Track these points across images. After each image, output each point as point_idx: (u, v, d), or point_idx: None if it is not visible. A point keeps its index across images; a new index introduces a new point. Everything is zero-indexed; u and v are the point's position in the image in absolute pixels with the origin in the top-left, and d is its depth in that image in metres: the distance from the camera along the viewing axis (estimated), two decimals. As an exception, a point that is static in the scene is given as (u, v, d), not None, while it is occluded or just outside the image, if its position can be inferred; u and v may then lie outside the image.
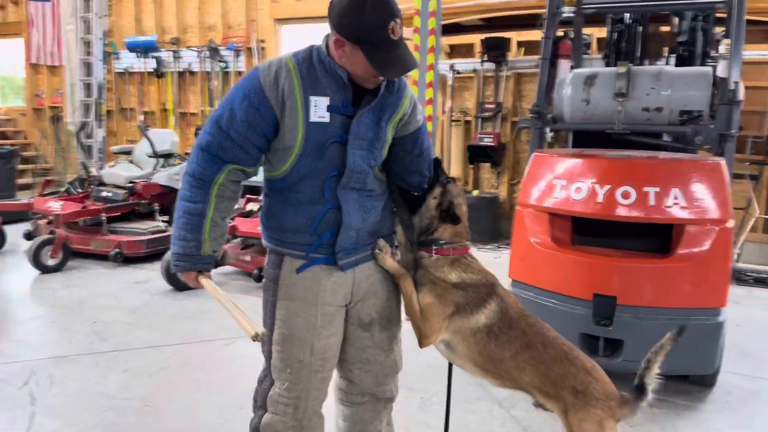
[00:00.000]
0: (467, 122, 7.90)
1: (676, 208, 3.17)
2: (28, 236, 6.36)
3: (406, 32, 2.11)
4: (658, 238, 3.34)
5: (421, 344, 2.00)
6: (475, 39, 7.59)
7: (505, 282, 3.67)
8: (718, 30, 4.46)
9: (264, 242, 2.04)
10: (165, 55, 9.74)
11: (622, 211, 3.22)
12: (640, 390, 1.99)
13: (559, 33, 4.34)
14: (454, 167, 7.85)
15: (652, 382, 1.99)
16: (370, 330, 2.07)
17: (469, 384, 3.53)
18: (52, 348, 3.99)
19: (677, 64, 4.63)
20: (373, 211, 1.98)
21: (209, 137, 1.88)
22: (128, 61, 10.17)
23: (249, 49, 9.10)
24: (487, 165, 7.71)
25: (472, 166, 7.82)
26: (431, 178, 2.11)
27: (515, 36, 7.44)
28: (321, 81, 1.82)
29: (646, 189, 3.18)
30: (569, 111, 3.59)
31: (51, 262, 5.66)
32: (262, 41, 9.03)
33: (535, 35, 6.62)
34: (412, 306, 1.98)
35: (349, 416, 2.19)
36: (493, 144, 7.40)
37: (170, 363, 3.75)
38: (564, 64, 4.01)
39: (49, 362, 3.71)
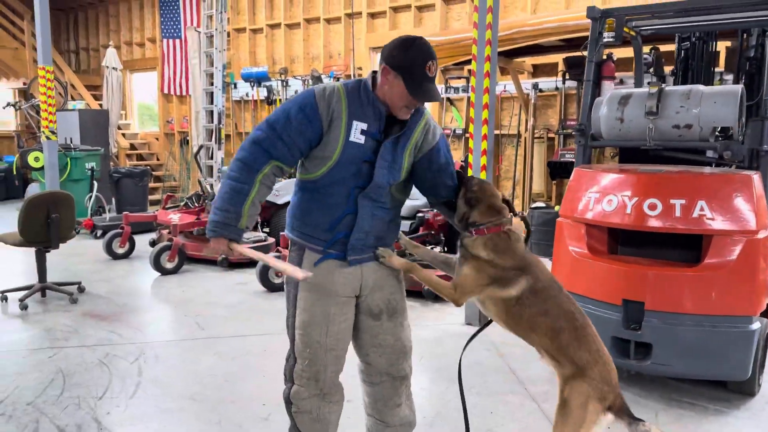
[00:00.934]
0: (550, 139, 8.08)
1: (702, 219, 3.33)
2: (152, 244, 7.41)
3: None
4: (691, 248, 3.49)
5: (457, 304, 2.36)
6: (558, 58, 7.79)
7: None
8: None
9: (287, 233, 2.46)
10: (275, 83, 10.72)
11: (649, 222, 3.42)
12: (635, 421, 2.16)
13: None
14: (537, 183, 8.05)
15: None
16: (379, 319, 2.46)
17: (506, 381, 3.86)
18: (161, 334, 4.78)
19: (745, 81, 4.68)
20: (381, 220, 2.39)
21: (263, 134, 2.26)
22: (244, 89, 11.27)
23: (348, 76, 9.84)
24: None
25: (554, 182, 7.98)
26: (456, 186, 2.47)
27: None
28: (364, 109, 2.26)
29: (672, 201, 3.37)
30: (605, 129, 3.82)
31: (169, 266, 6.59)
32: (359, 68, 9.75)
33: (615, 53, 6.76)
34: (433, 282, 2.35)
35: (371, 393, 2.58)
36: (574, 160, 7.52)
37: (252, 349, 4.38)
38: (607, 85, 4.22)
39: (156, 345, 4.48)
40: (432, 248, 6.38)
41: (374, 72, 2.33)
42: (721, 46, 6.07)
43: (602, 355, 2.24)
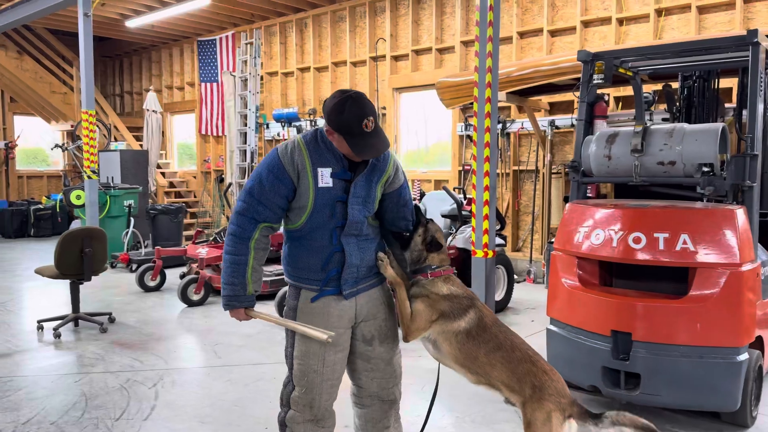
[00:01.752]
0: (568, 174, 8.18)
1: (686, 252, 3.43)
2: (182, 277, 7.77)
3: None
4: (678, 281, 3.59)
5: (406, 339, 2.56)
6: (573, 96, 7.95)
7: (546, 321, 4.12)
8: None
9: (285, 278, 2.63)
10: (304, 123, 11.16)
11: (635, 255, 3.54)
12: (597, 417, 2.35)
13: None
14: (555, 217, 8.14)
15: (606, 428, 2.33)
16: (371, 344, 2.64)
17: (503, 410, 3.96)
18: (180, 361, 5.05)
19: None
20: (369, 251, 2.59)
21: (245, 204, 2.47)
22: (275, 129, 11.74)
23: (372, 115, 10.20)
24: (588, 216, 7.89)
25: (572, 217, 8.05)
26: (414, 222, 2.72)
27: (613, 92, 7.71)
28: (324, 156, 2.48)
29: (656, 234, 3.49)
30: (595, 166, 3.98)
31: (195, 297, 6.92)
32: (383, 108, 10.10)
33: (631, 91, 6.90)
34: (404, 308, 2.54)
35: (361, 416, 2.76)
36: (591, 195, 7.62)
37: (264, 376, 4.59)
38: (600, 124, 4.37)
39: (174, 371, 4.75)
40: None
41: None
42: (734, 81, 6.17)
43: (553, 373, 2.43)
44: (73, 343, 5.52)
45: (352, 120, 2.35)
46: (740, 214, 3.49)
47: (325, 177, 2.47)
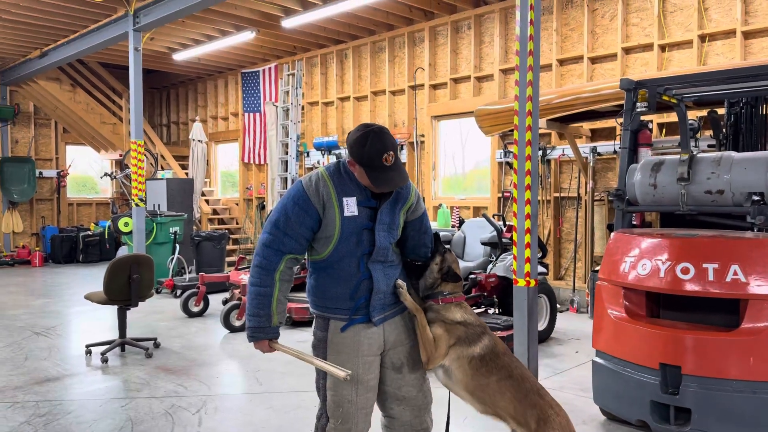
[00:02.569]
0: (611, 201, 8.05)
1: (737, 283, 3.34)
2: (225, 302, 7.89)
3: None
4: (729, 312, 3.48)
5: (429, 365, 2.57)
6: (616, 123, 7.87)
7: (591, 352, 4.04)
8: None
9: (312, 310, 2.65)
10: (343, 151, 11.29)
11: (683, 286, 3.46)
12: None
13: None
14: (599, 246, 8.00)
15: None
16: (401, 372, 2.64)
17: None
18: (223, 387, 5.11)
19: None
20: (393, 278, 2.63)
21: (271, 236, 2.51)
22: (316, 157, 11.92)
23: (411, 143, 10.28)
24: (632, 244, 7.74)
25: (616, 245, 7.90)
26: (432, 250, 2.76)
27: (656, 118, 7.61)
28: (348, 186, 2.53)
29: (705, 265, 3.41)
30: (640, 194, 3.92)
31: (237, 324, 7.00)
32: (422, 136, 10.17)
33: (675, 117, 6.80)
34: (426, 335, 2.56)
35: None
36: (636, 223, 7.48)
37: (305, 404, 4.61)
38: (644, 152, 4.31)
39: (217, 397, 4.81)
40: (485, 310, 6.48)
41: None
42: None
43: (559, 408, 2.47)
44: (120, 367, 5.65)
45: (374, 154, 2.42)
46: (793, 244, 3.38)
47: (351, 206, 2.52)
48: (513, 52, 8.93)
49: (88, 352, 5.98)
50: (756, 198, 3.53)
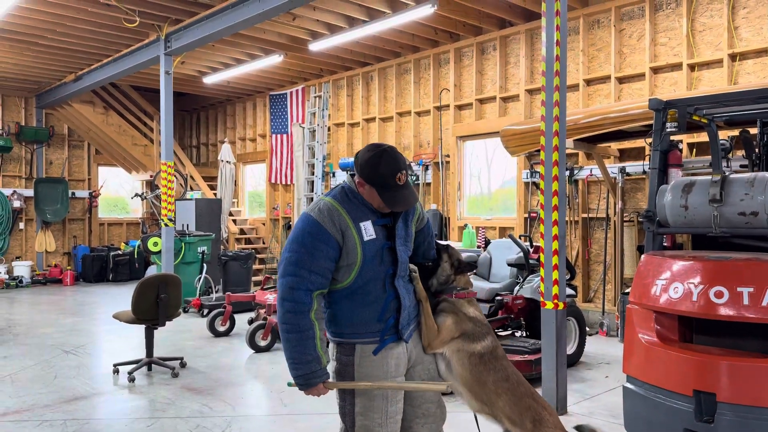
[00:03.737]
0: (641, 222, 7.92)
1: (773, 308, 3.23)
2: (251, 322, 7.91)
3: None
4: (766, 338, 3.37)
5: (428, 350, 2.63)
6: (644, 143, 7.76)
7: (621, 377, 3.95)
8: None
9: (332, 338, 2.56)
10: (369, 171, 11.32)
11: (717, 310, 3.36)
12: None
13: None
14: (629, 267, 7.85)
15: None
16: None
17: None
18: (248, 408, 5.10)
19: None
20: (411, 290, 2.64)
21: (296, 278, 2.39)
22: (341, 177, 11.99)
23: (436, 164, 10.28)
24: (663, 266, 7.58)
25: (646, 267, 7.74)
26: (436, 249, 2.83)
27: (686, 138, 7.49)
28: (360, 210, 2.50)
29: (739, 289, 3.31)
30: (671, 216, 3.84)
31: (262, 343, 7.02)
32: (447, 156, 10.16)
33: (705, 137, 6.68)
34: (430, 320, 2.61)
35: None
36: (667, 245, 7.32)
37: (329, 427, 4.57)
38: (674, 173, 4.23)
39: (242, 418, 4.80)
40: (512, 333, 6.38)
41: (351, 174, 2.58)
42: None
43: (551, 408, 2.62)
44: (146, 387, 5.69)
45: (388, 174, 2.42)
46: (832, 267, 3.26)
47: (369, 229, 2.50)
48: (539, 72, 8.90)
49: (116, 371, 6.04)
50: (792, 220, 3.43)
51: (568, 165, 8.48)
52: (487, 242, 7.92)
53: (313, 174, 12.15)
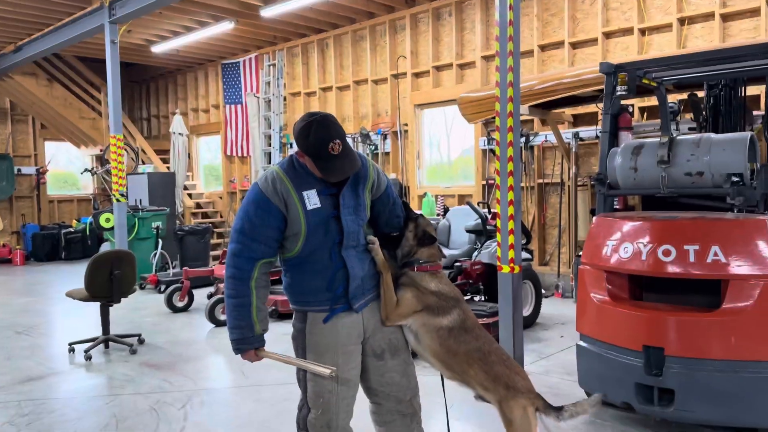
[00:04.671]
0: (593, 186, 8.09)
1: (718, 264, 3.35)
2: (210, 297, 7.82)
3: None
4: (711, 293, 3.50)
5: (387, 323, 2.61)
6: (596, 108, 7.88)
7: (576, 336, 4.07)
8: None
9: (291, 306, 2.64)
10: (327, 141, 11.21)
11: (665, 268, 3.48)
12: (558, 410, 2.51)
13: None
14: (582, 230, 8.03)
15: (565, 420, 2.52)
16: (383, 358, 2.63)
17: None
18: (209, 381, 5.08)
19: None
20: (367, 262, 2.60)
21: (239, 245, 2.44)
22: (299, 148, 11.83)
23: (394, 133, 10.25)
24: (615, 228, 7.78)
25: (599, 229, 7.94)
26: (404, 217, 2.76)
27: (637, 102, 7.63)
28: (305, 179, 2.47)
29: (686, 247, 3.42)
30: (621, 178, 3.93)
31: (222, 317, 6.93)
32: (405, 124, 10.13)
33: (656, 101, 6.82)
34: (389, 292, 2.58)
35: None
36: (619, 207, 7.51)
37: (293, 396, 4.50)
38: (625, 136, 4.33)
39: (203, 392, 4.77)
40: (471, 298, 6.49)
41: None
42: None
43: (522, 371, 2.61)
44: (104, 365, 5.59)
45: (319, 143, 2.36)
46: (772, 224, 3.40)
47: (312, 198, 2.47)
48: (494, 38, 8.90)
49: (72, 350, 5.91)
50: (735, 179, 3.55)
51: (524, 131, 8.56)
52: (446, 210, 7.98)
53: (270, 145, 11.97)
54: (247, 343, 2.50)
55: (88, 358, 5.65)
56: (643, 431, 3.78)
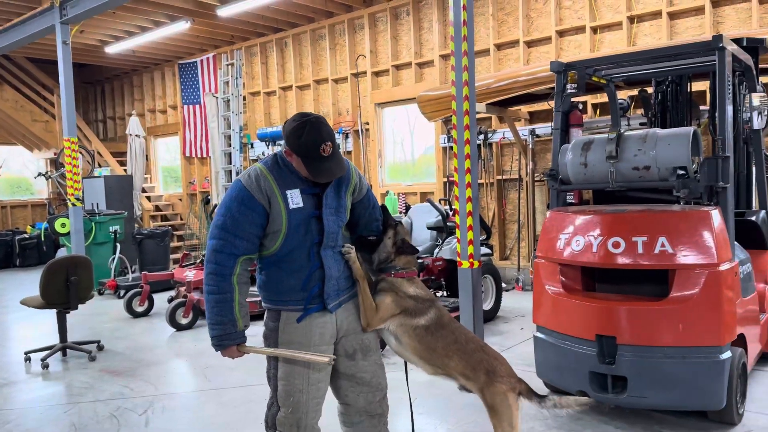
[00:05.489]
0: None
1: (665, 254, 3.49)
2: (170, 301, 7.72)
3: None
4: (659, 283, 3.64)
5: (368, 329, 2.65)
6: (550, 105, 8.05)
7: (534, 327, 4.16)
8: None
9: (263, 304, 2.62)
10: (288, 141, 11.16)
11: (615, 260, 3.60)
12: (542, 398, 2.57)
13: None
14: (540, 225, 8.18)
15: (547, 409, 2.61)
16: (354, 359, 2.65)
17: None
18: (170, 386, 5.02)
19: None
20: (344, 261, 2.63)
21: (221, 241, 2.44)
22: (260, 149, 11.75)
23: (356, 132, 10.27)
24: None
25: (557, 223, 8.12)
26: (383, 223, 2.78)
27: (590, 99, 7.83)
28: (289, 178, 2.50)
29: (634, 238, 3.55)
30: (572, 173, 4.05)
31: (184, 321, 6.88)
32: (366, 123, 10.17)
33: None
34: (367, 299, 2.61)
35: None
36: (575, 202, 7.69)
37: (254, 398, 4.57)
38: (576, 132, 4.46)
39: (165, 397, 4.72)
40: (433, 293, 6.56)
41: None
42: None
43: (501, 358, 2.67)
44: (62, 373, 5.48)
45: (310, 144, 2.39)
46: (716, 214, 3.55)
47: (295, 198, 2.49)
48: (451, 38, 9.00)
49: (28, 359, 5.77)
50: (680, 172, 3.68)
51: (483, 129, 8.69)
52: (408, 207, 8.05)
53: (230, 146, 11.85)
54: (230, 339, 2.50)
55: (45, 366, 5.53)
56: (597, 418, 3.89)
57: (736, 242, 3.82)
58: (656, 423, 3.79)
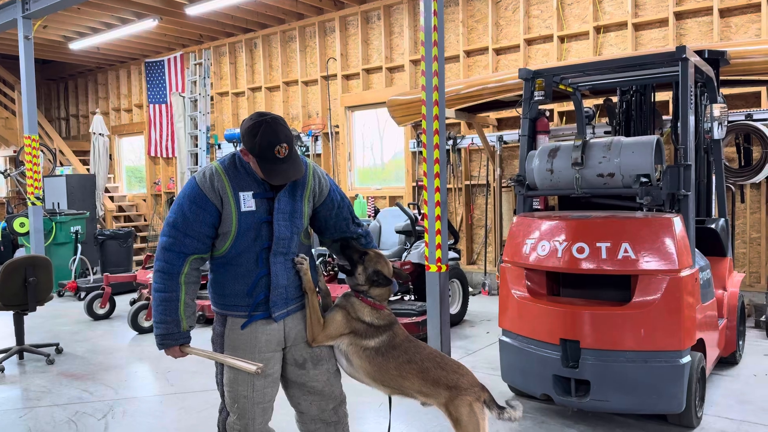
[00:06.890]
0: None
1: (627, 260, 3.56)
2: (133, 303, 7.57)
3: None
4: (622, 288, 3.71)
5: (313, 344, 2.57)
6: (517, 112, 8.15)
7: (499, 331, 4.18)
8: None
9: (212, 307, 2.59)
10: (256, 143, 11.06)
11: (579, 265, 3.65)
12: (501, 408, 2.55)
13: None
14: (507, 230, 8.28)
15: (503, 420, 2.56)
16: (304, 368, 2.59)
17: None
18: (131, 390, 4.91)
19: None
20: (295, 270, 2.56)
21: (170, 239, 2.40)
22: (228, 150, 11.61)
23: (326, 134, 10.24)
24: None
25: (524, 229, 8.22)
26: (349, 258, 2.65)
27: (557, 107, 7.95)
28: (244, 179, 2.45)
29: (598, 244, 3.61)
30: (538, 179, 4.10)
31: (146, 324, 6.73)
32: (336, 126, 10.14)
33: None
34: (314, 314, 2.54)
35: None
36: (540, 208, 7.79)
37: (217, 403, 4.46)
38: (542, 139, 4.53)
39: (125, 401, 4.62)
40: (401, 297, 6.57)
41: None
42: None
43: (462, 368, 2.59)
44: (18, 376, 5.31)
45: (265, 145, 2.33)
46: (677, 222, 3.64)
47: (248, 201, 2.44)
48: (421, 43, 9.05)
49: (-18, 363, 5.58)
50: (643, 180, 3.76)
51: (452, 134, 8.75)
52: (377, 211, 8.04)
53: (197, 146, 11.67)
54: (172, 339, 2.46)
55: (1, 369, 5.35)
56: (561, 422, 3.94)
57: (696, 249, 3.92)
58: (618, 426, 3.85)
